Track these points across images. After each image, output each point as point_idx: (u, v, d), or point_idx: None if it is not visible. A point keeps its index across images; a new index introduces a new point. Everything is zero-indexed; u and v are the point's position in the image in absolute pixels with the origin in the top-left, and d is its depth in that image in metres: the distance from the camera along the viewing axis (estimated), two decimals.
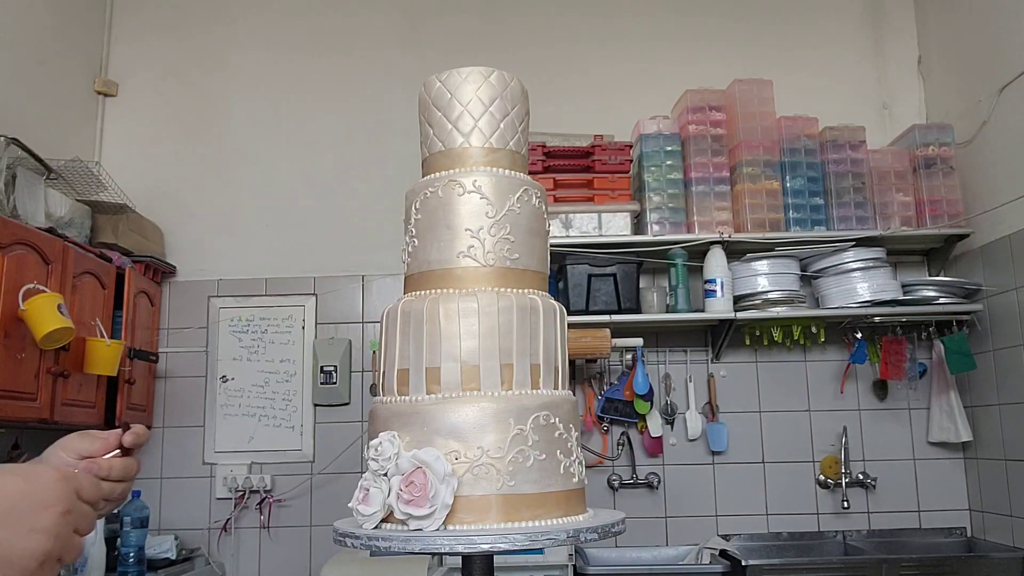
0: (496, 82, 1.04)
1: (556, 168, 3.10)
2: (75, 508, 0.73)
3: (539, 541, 0.88)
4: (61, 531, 0.71)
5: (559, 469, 0.96)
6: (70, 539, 0.72)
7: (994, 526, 3.06)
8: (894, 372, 3.19)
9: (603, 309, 3.03)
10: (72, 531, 0.73)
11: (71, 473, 0.77)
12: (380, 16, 3.63)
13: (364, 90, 3.56)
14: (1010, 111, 2.94)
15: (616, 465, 3.27)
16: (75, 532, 0.73)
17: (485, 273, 0.99)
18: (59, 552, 0.71)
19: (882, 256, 3.08)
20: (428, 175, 1.04)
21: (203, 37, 3.61)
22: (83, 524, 0.75)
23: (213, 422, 3.29)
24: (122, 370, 2.86)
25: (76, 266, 2.68)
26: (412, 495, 0.89)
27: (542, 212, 1.06)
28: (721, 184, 3.13)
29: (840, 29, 3.61)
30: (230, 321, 3.36)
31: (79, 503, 0.74)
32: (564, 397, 1.01)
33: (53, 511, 0.70)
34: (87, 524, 0.76)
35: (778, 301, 3.05)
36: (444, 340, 0.97)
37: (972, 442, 3.16)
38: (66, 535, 0.72)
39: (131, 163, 3.45)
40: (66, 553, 0.72)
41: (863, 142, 3.19)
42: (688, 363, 3.33)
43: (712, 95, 3.20)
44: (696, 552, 3.05)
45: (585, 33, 3.60)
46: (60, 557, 0.71)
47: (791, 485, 3.26)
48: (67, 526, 0.72)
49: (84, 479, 0.77)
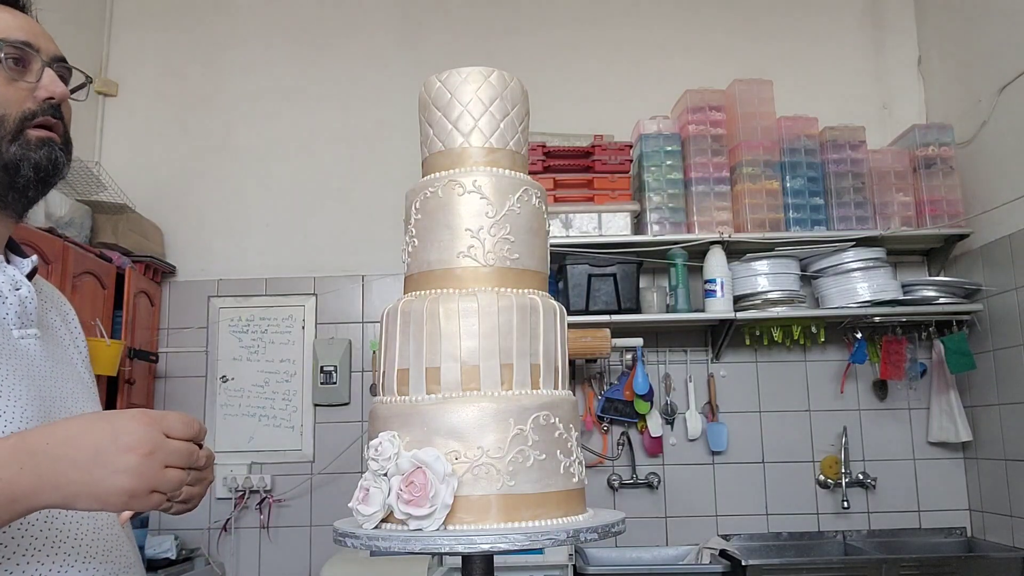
0: (496, 82, 1.04)
1: (556, 168, 3.10)
2: (161, 447, 0.79)
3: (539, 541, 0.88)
4: (145, 470, 0.77)
5: (559, 469, 0.96)
6: (159, 475, 0.79)
7: (994, 526, 3.06)
8: (894, 372, 3.19)
9: (603, 309, 3.03)
10: (162, 467, 0.79)
11: (158, 415, 0.81)
12: (380, 16, 3.63)
13: (364, 90, 3.56)
14: (1010, 111, 2.94)
15: (616, 465, 3.27)
16: (167, 468, 0.79)
17: (485, 273, 0.99)
18: (148, 487, 0.78)
19: (882, 256, 3.08)
20: (428, 175, 1.04)
21: (203, 37, 3.61)
22: (175, 459, 0.80)
23: (213, 422, 3.29)
24: (122, 370, 2.86)
25: (76, 266, 2.68)
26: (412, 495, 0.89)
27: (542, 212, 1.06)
28: (721, 184, 3.13)
29: (840, 29, 3.61)
30: (230, 321, 3.36)
31: (166, 442, 0.80)
32: (564, 397, 1.01)
33: (136, 453, 0.77)
34: (180, 459, 0.81)
35: (778, 301, 3.05)
36: (444, 340, 0.97)
37: (972, 442, 3.16)
38: (153, 472, 0.78)
39: (131, 163, 3.45)
40: (160, 486, 0.79)
41: (863, 142, 3.19)
42: (688, 363, 3.33)
43: (712, 95, 3.20)
44: (696, 552, 3.05)
45: (585, 33, 3.60)
46: (154, 489, 0.78)
47: (791, 485, 3.26)
48: (153, 465, 0.78)
49: (173, 418, 0.82)
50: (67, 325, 1.11)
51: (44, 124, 0.98)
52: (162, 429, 0.80)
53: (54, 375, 0.99)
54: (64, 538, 0.90)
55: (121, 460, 0.77)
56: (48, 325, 1.05)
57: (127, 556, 0.99)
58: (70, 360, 1.06)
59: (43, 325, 1.03)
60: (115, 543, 0.97)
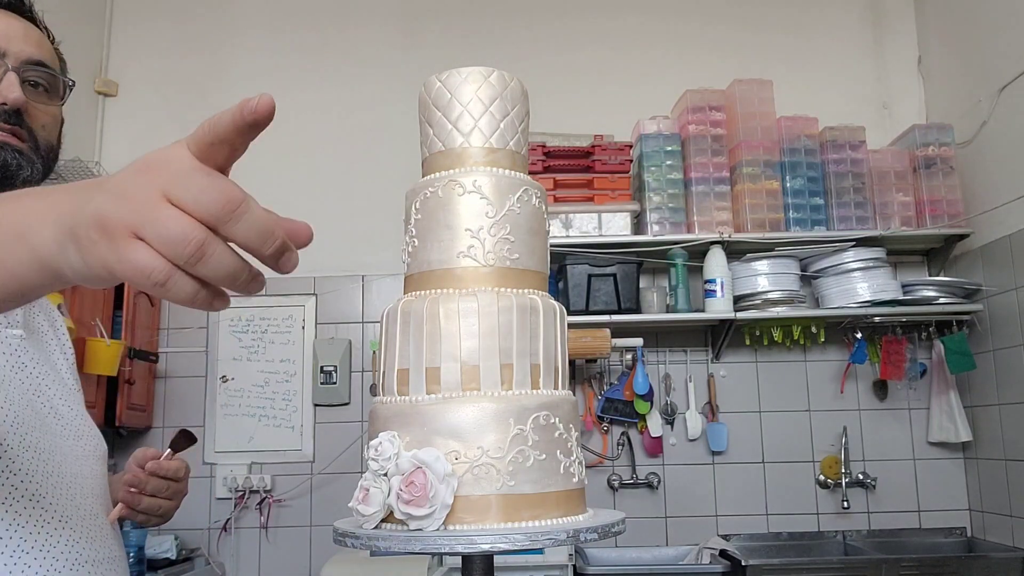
0: (496, 82, 1.04)
1: (556, 168, 3.10)
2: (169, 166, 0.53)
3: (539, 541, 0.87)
4: (135, 192, 0.52)
5: (559, 469, 0.95)
6: (153, 207, 0.50)
7: (994, 526, 3.06)
8: (894, 372, 3.19)
9: (603, 309, 3.03)
10: (161, 197, 0.51)
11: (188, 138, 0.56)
12: (380, 17, 3.63)
13: (364, 90, 3.55)
14: (1010, 111, 2.94)
15: (616, 465, 3.27)
16: (167, 200, 0.51)
17: (485, 273, 0.99)
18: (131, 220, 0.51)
19: (882, 256, 3.08)
20: (428, 175, 1.04)
21: (203, 37, 3.61)
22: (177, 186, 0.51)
23: (213, 422, 3.29)
24: (122, 370, 2.86)
25: None
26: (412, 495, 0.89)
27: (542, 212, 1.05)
28: (721, 184, 3.13)
29: (840, 29, 3.61)
30: (230, 321, 3.36)
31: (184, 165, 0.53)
32: (564, 397, 1.01)
33: (131, 168, 0.55)
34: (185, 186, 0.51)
35: (778, 301, 3.05)
36: (444, 340, 0.97)
37: (972, 442, 3.16)
38: (144, 199, 0.51)
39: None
40: (146, 227, 0.50)
41: (863, 142, 3.19)
42: (688, 363, 3.33)
43: (712, 95, 3.20)
44: (696, 552, 3.05)
45: (585, 33, 3.60)
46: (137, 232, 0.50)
47: (791, 485, 3.26)
48: (146, 186, 0.52)
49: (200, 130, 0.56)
50: (55, 331, 1.12)
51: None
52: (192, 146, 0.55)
53: (36, 374, 1.00)
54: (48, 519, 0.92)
55: (113, 178, 0.55)
56: (34, 328, 1.06)
57: (112, 549, 1.01)
58: (54, 364, 1.07)
59: (29, 327, 1.04)
60: (99, 533, 0.99)
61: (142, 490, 1.11)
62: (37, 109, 1.02)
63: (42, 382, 1.00)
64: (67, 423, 1.03)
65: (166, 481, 1.13)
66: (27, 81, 1.01)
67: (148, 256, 0.50)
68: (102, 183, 0.55)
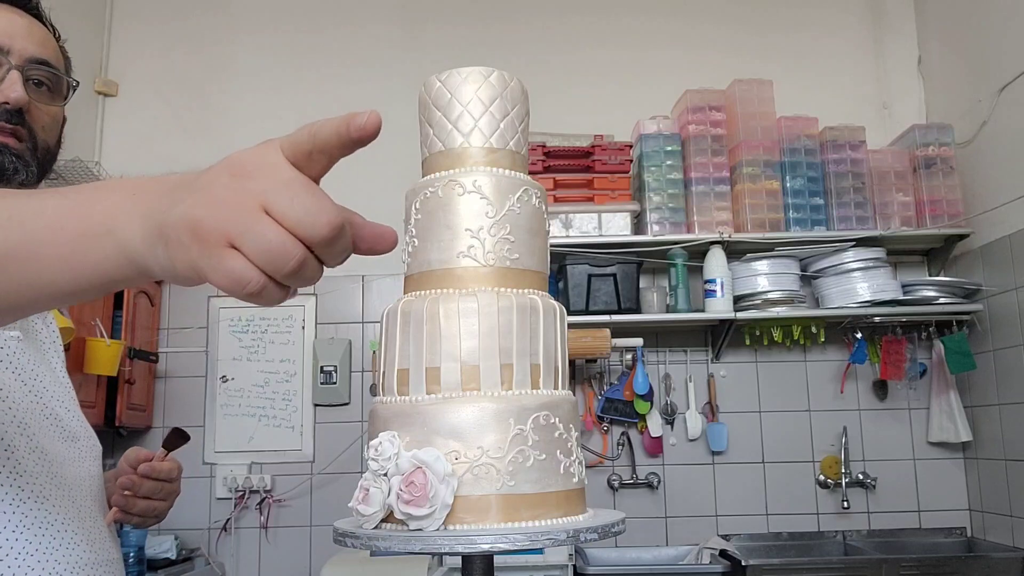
0: (496, 82, 1.04)
1: (556, 168, 3.10)
2: (260, 169, 0.51)
3: (539, 541, 0.87)
4: (229, 197, 0.50)
5: (559, 469, 0.95)
6: (242, 215, 0.49)
7: (994, 526, 3.06)
8: (894, 372, 3.19)
9: (603, 309, 3.03)
10: (258, 206, 0.49)
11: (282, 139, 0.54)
12: (380, 17, 3.63)
13: (364, 90, 3.55)
14: (1010, 111, 2.94)
15: (616, 465, 3.27)
16: (265, 211, 0.49)
17: (485, 273, 0.99)
18: (226, 226, 0.49)
19: (882, 256, 3.08)
20: (428, 175, 1.04)
21: (203, 37, 3.61)
22: (275, 198, 0.49)
23: (213, 422, 3.29)
24: (122, 370, 2.86)
25: None
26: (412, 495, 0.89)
27: (542, 212, 1.05)
28: (721, 184, 3.13)
29: (840, 29, 3.61)
30: (230, 321, 3.36)
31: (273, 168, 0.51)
32: (564, 397, 1.01)
33: (227, 171, 0.52)
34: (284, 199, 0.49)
35: (778, 301, 3.05)
36: (444, 340, 0.96)
37: (972, 442, 3.16)
38: (234, 206, 0.49)
39: (131, 163, 3.44)
40: (240, 237, 0.49)
41: (863, 142, 3.19)
42: (688, 363, 3.33)
43: (712, 95, 3.20)
44: (696, 552, 3.05)
45: (585, 33, 3.60)
46: (232, 241, 0.49)
47: (791, 485, 3.26)
48: (236, 193, 0.50)
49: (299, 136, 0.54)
50: (48, 329, 1.12)
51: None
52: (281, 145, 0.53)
53: (35, 376, 1.00)
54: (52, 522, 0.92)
55: (203, 179, 0.52)
56: (29, 328, 1.06)
57: (109, 551, 1.01)
58: (50, 364, 1.07)
59: (25, 328, 1.04)
60: (98, 535, 0.99)
61: (136, 493, 1.10)
62: (39, 109, 1.01)
63: (40, 384, 1.00)
64: (65, 425, 1.02)
65: (160, 483, 1.13)
66: (30, 80, 1.00)
67: (244, 267, 0.49)
68: (192, 182, 0.53)
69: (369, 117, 0.52)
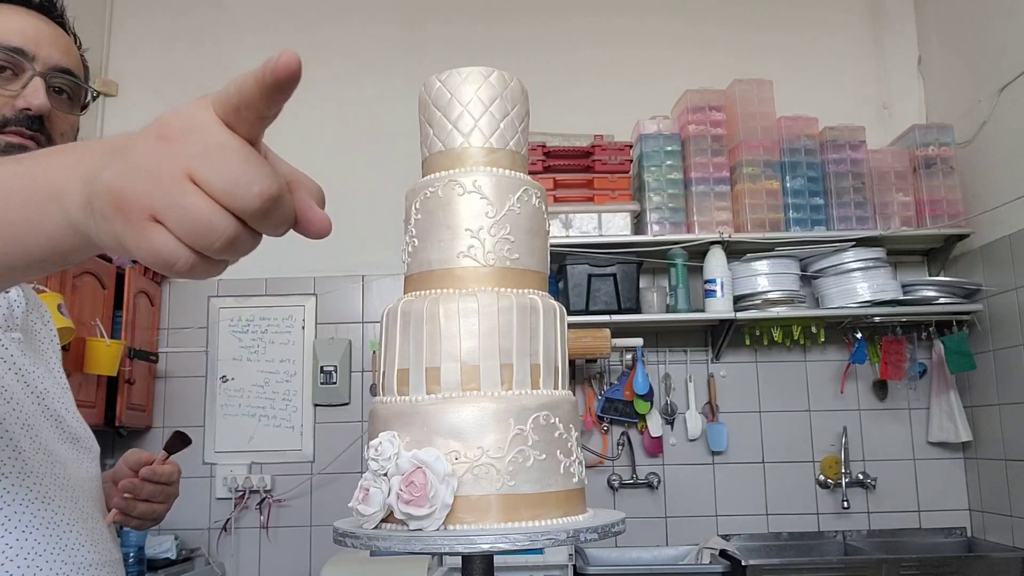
0: (496, 82, 1.04)
1: (556, 168, 3.10)
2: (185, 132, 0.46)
3: (539, 541, 0.87)
4: (142, 163, 0.46)
5: (559, 469, 0.95)
6: (165, 186, 0.45)
7: (994, 526, 3.06)
8: (894, 372, 3.19)
9: (603, 309, 3.03)
10: (179, 174, 0.45)
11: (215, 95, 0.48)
12: (380, 17, 3.63)
13: (364, 90, 3.56)
14: (1010, 111, 2.94)
15: (616, 465, 3.27)
16: (192, 179, 0.45)
17: (485, 273, 0.99)
18: (147, 198, 0.45)
19: (882, 256, 3.08)
20: (428, 175, 1.04)
21: (203, 37, 3.61)
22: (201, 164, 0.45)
23: (213, 422, 3.29)
24: (122, 370, 2.86)
25: (75, 266, 2.68)
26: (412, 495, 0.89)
27: (542, 212, 1.05)
28: (721, 184, 3.13)
29: (840, 29, 3.61)
30: (230, 321, 3.36)
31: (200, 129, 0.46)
32: (564, 397, 1.01)
33: (148, 130, 0.48)
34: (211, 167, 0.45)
35: (778, 301, 3.05)
36: (444, 340, 0.97)
37: (972, 442, 3.16)
38: (156, 176, 0.45)
39: None
40: (162, 211, 0.45)
41: (863, 142, 3.19)
42: (688, 363, 3.33)
43: (712, 95, 3.20)
44: (696, 552, 3.05)
45: (585, 33, 3.60)
46: (154, 215, 0.45)
47: (791, 485, 3.26)
48: (160, 160, 0.45)
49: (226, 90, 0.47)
50: (45, 327, 1.12)
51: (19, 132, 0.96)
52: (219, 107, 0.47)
53: (36, 377, 1.00)
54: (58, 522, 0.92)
55: (132, 141, 0.48)
56: (29, 329, 1.06)
57: (111, 552, 1.01)
58: (49, 364, 1.07)
59: (26, 329, 1.04)
60: (100, 536, 0.99)
61: (137, 496, 1.10)
62: (58, 116, 1.01)
63: (41, 385, 1.00)
64: (66, 425, 1.03)
65: (160, 486, 1.13)
66: (52, 87, 1.00)
67: (169, 243, 0.45)
68: (121, 146, 0.49)
69: (281, 57, 0.44)
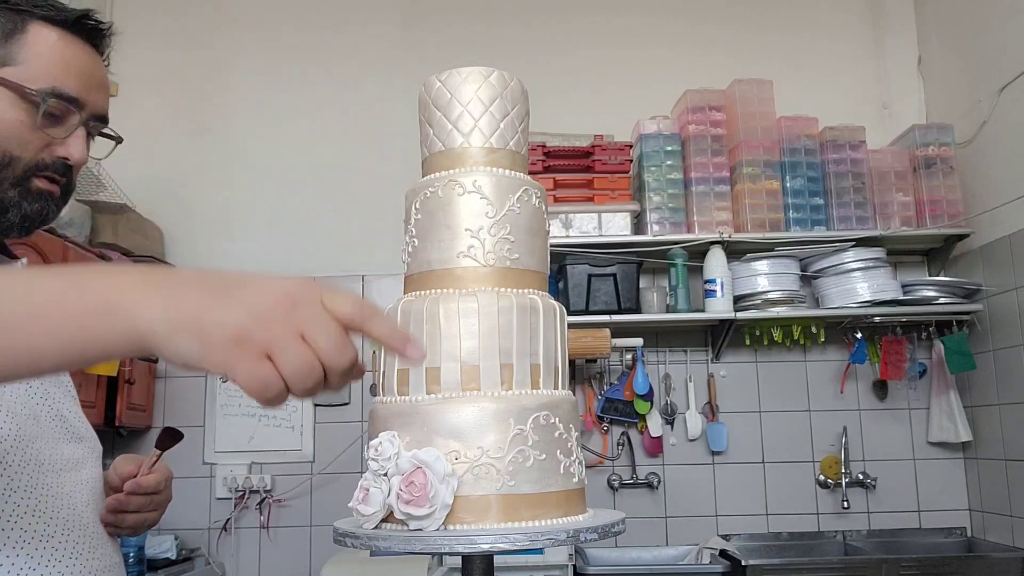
0: (496, 82, 1.04)
1: (556, 168, 3.10)
2: (305, 305, 0.61)
3: (539, 541, 0.88)
4: (272, 318, 0.60)
5: (559, 469, 0.96)
6: (286, 336, 0.60)
7: (994, 526, 3.06)
8: (894, 372, 3.19)
9: (603, 309, 3.02)
10: (296, 331, 0.60)
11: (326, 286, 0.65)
12: (380, 17, 3.63)
13: (364, 90, 3.55)
14: (1010, 111, 2.94)
15: (616, 465, 3.27)
16: (302, 337, 0.60)
17: (485, 273, 0.99)
18: (264, 343, 0.59)
19: (882, 256, 3.08)
20: (428, 175, 1.04)
21: (203, 37, 3.61)
22: (316, 330, 0.61)
23: (213, 422, 3.29)
24: (122, 370, 2.86)
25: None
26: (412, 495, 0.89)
27: (542, 212, 1.06)
28: (721, 184, 3.13)
29: (840, 29, 3.61)
30: None
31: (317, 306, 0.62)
32: (564, 397, 1.01)
33: (272, 294, 0.61)
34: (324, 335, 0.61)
35: (778, 301, 3.05)
36: (444, 340, 0.97)
37: (972, 442, 3.16)
38: (280, 326, 0.60)
39: (131, 163, 3.43)
40: (278, 352, 0.59)
41: (863, 142, 3.19)
42: (688, 363, 3.33)
43: (712, 95, 3.20)
44: (696, 552, 3.05)
45: (585, 33, 3.60)
46: (269, 353, 0.59)
47: (791, 485, 3.26)
48: (284, 316, 0.60)
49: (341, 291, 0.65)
50: None
51: (50, 178, 0.97)
52: (322, 294, 0.63)
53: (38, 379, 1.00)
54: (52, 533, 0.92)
55: (250, 295, 0.61)
56: None
57: (111, 556, 1.01)
58: None
59: None
60: (99, 542, 0.98)
61: (124, 510, 1.09)
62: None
63: (44, 384, 1.00)
64: (69, 426, 1.02)
65: (148, 496, 1.10)
66: (89, 135, 1.01)
67: (271, 375, 0.60)
68: (234, 293, 0.61)
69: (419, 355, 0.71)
